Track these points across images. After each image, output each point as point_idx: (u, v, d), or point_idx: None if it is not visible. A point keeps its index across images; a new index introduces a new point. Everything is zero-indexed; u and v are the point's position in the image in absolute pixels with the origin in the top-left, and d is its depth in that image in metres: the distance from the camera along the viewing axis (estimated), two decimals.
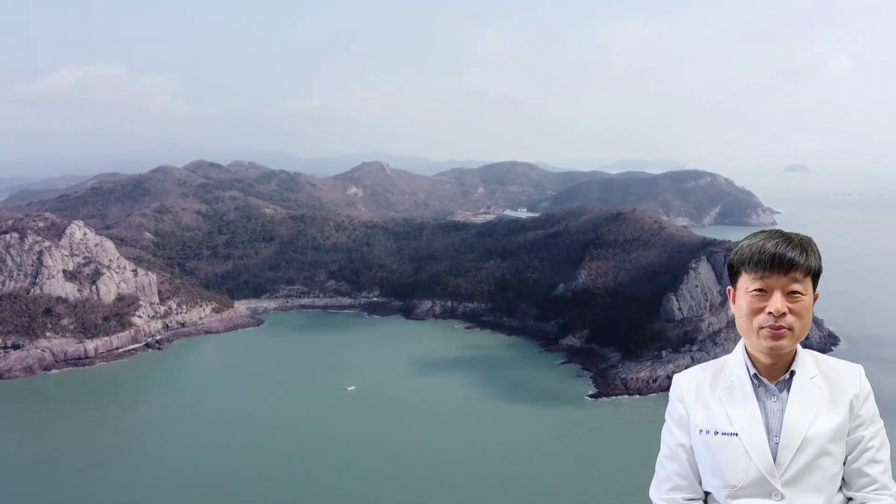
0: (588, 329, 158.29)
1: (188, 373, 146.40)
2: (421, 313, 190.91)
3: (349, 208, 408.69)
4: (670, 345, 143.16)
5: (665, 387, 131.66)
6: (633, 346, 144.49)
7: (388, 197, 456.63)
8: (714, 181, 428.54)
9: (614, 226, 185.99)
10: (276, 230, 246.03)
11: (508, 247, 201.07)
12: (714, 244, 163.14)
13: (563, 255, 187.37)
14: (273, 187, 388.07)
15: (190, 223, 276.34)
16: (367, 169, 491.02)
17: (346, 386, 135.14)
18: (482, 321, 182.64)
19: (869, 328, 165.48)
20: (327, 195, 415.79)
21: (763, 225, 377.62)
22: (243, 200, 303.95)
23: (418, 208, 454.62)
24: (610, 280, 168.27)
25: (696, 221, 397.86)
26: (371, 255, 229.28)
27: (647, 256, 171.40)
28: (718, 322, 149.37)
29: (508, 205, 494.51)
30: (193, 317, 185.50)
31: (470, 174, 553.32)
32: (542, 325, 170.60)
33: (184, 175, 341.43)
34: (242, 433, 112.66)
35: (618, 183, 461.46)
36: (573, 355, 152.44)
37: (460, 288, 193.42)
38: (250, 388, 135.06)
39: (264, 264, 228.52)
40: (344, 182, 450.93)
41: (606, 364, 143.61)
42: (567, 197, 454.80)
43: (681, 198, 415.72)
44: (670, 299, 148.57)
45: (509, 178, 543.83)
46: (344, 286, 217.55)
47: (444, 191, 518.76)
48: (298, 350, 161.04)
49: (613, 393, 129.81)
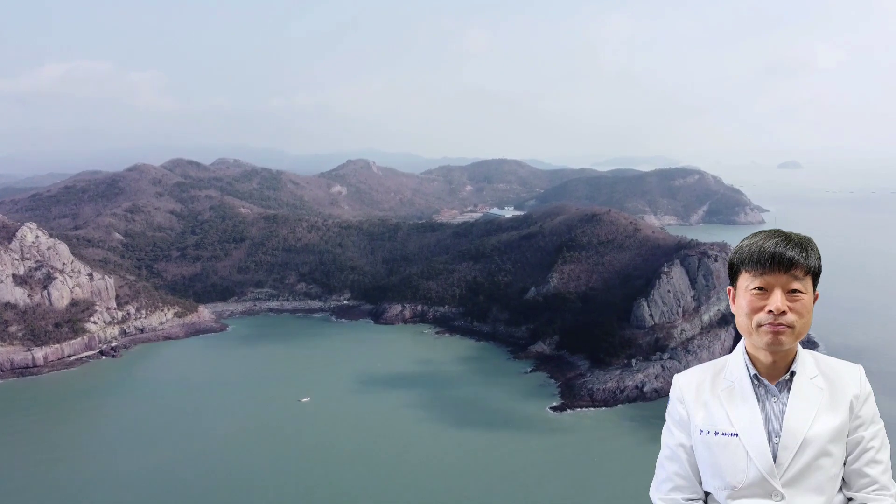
0: (558, 335, 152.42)
1: (138, 383, 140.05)
2: (390, 318, 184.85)
3: (332, 207, 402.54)
4: (641, 352, 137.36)
5: (632, 398, 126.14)
6: (602, 353, 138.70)
7: (373, 195, 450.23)
8: (702, 179, 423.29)
9: (589, 227, 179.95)
10: (247, 231, 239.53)
11: (482, 249, 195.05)
12: (688, 247, 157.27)
13: (536, 258, 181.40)
14: (254, 186, 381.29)
15: (162, 223, 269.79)
16: (352, 167, 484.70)
17: (300, 397, 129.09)
18: (452, 326, 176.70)
19: (852, 334, 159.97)
20: (310, 194, 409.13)
21: (751, 224, 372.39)
22: (219, 200, 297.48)
23: (403, 206, 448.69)
24: (582, 284, 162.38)
25: (684, 220, 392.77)
26: (343, 256, 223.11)
27: (620, 259, 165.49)
28: (692, 328, 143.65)
29: (496, 203, 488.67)
30: (154, 322, 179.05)
31: (458, 172, 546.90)
32: (512, 331, 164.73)
33: (160, 174, 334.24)
34: (183, 450, 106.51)
35: (606, 181, 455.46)
36: (542, 363, 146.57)
37: (431, 291, 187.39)
38: (200, 399, 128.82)
39: (234, 266, 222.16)
40: (328, 180, 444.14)
41: (574, 373, 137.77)
42: (554, 195, 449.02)
43: (668, 196, 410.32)
44: (641, 305, 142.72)
45: (497, 175, 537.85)
46: (314, 289, 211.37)
47: (431, 188, 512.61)
48: (258, 357, 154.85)
49: (578, 405, 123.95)
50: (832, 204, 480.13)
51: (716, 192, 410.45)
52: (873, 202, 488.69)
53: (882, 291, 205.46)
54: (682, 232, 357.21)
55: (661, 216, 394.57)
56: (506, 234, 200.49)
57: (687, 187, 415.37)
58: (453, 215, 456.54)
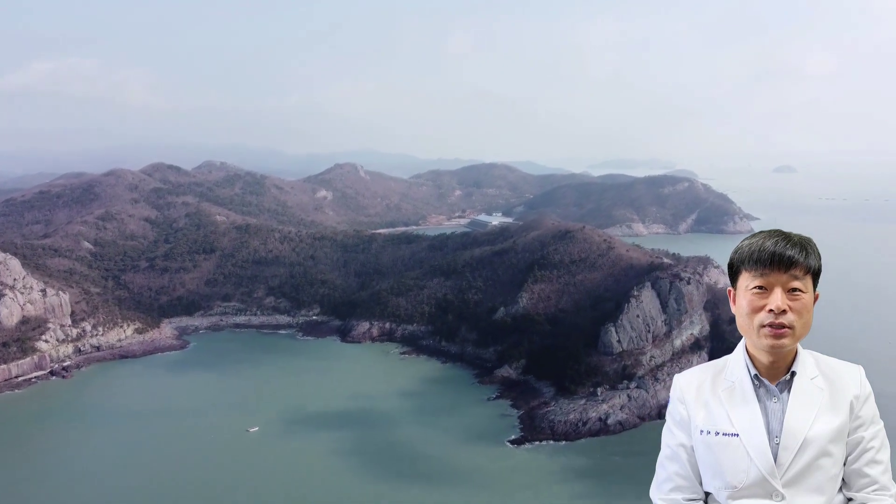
0: (525, 359, 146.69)
1: (80, 408, 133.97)
2: (357, 336, 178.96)
3: (316, 213, 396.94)
4: (607, 380, 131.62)
5: (595, 431, 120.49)
6: (567, 381, 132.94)
7: (360, 200, 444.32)
8: (692, 187, 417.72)
9: (562, 245, 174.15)
10: (218, 241, 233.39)
11: (454, 264, 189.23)
12: (660, 268, 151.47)
13: (508, 275, 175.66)
14: (236, 191, 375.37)
15: (135, 231, 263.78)
16: (338, 171, 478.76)
17: (248, 427, 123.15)
18: (420, 345, 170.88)
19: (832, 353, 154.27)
20: (294, 199, 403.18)
21: (739, 233, 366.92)
22: (195, 207, 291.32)
23: (390, 212, 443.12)
24: (552, 305, 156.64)
25: (672, 229, 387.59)
26: (315, 269, 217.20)
27: (592, 279, 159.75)
28: (662, 355, 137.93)
29: (485, 208, 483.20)
30: (111, 339, 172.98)
31: (447, 176, 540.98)
32: (480, 352, 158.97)
33: (137, 179, 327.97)
34: (111, 486, 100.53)
35: (595, 187, 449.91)
36: (507, 389, 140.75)
37: (400, 308, 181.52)
38: (140, 428, 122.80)
39: (202, 278, 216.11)
40: (313, 185, 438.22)
41: (538, 401, 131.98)
42: (542, 202, 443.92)
43: (657, 204, 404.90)
44: (609, 330, 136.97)
45: (487, 180, 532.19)
46: (283, 303, 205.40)
47: (419, 193, 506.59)
48: (213, 380, 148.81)
49: (538, 437, 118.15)
50: (824, 212, 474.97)
51: (705, 200, 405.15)
52: (865, 210, 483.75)
53: (867, 314, 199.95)
54: (670, 242, 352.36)
55: (650, 225, 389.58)
56: (479, 250, 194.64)
57: (676, 195, 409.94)
58: (440, 221, 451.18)
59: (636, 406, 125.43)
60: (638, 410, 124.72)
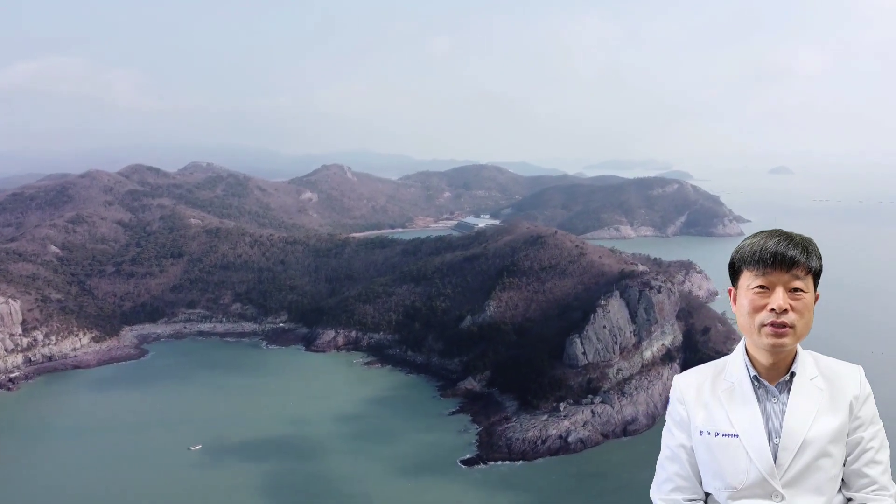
0: (490, 371, 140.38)
1: (21, 422, 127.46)
2: (322, 344, 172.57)
3: (299, 215, 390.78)
4: (571, 395, 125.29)
5: (554, 449, 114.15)
6: (530, 395, 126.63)
7: (346, 202, 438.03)
8: (681, 188, 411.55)
9: (532, 250, 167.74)
10: (186, 245, 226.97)
11: (424, 270, 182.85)
12: (631, 276, 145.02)
13: (477, 282, 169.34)
14: (217, 193, 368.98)
15: (107, 234, 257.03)
16: (325, 173, 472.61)
17: (192, 445, 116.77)
18: (386, 355, 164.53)
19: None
20: (278, 201, 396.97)
21: (728, 235, 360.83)
22: (171, 209, 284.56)
23: (376, 214, 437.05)
24: (519, 314, 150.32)
25: (661, 231, 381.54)
26: (284, 274, 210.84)
27: (562, 287, 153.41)
28: (630, 367, 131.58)
29: (473, 210, 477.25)
30: (65, 348, 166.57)
31: (436, 178, 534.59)
32: (445, 363, 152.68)
33: (113, 181, 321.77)
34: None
35: (584, 189, 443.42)
36: (469, 402, 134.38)
37: (367, 316, 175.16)
38: (82, 442, 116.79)
39: (168, 284, 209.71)
40: (298, 187, 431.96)
41: (500, 416, 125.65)
42: (530, 204, 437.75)
43: (646, 206, 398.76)
44: (574, 342, 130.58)
45: (476, 182, 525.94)
46: (250, 310, 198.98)
47: (407, 195, 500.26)
48: (166, 392, 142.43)
49: (494, 457, 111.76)
50: (817, 214, 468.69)
51: (694, 202, 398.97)
52: (859, 212, 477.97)
53: (859, 317, 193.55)
54: (657, 245, 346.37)
55: (638, 227, 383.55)
56: (450, 255, 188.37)
57: (665, 197, 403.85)
58: (427, 223, 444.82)
59: (600, 423, 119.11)
60: (601, 427, 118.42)
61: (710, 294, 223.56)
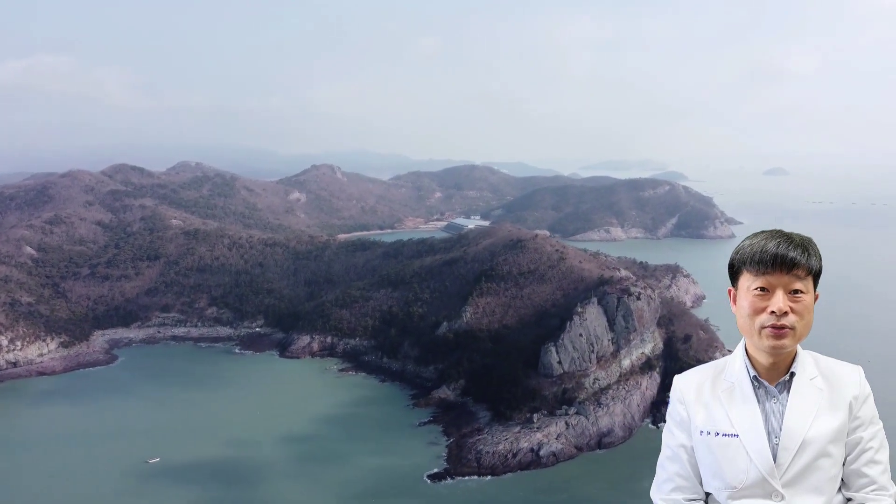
0: (464, 380, 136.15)
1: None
2: (297, 350, 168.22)
3: (287, 215, 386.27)
4: (545, 405, 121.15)
5: (525, 463, 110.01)
6: (503, 405, 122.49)
7: (334, 203, 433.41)
8: (672, 190, 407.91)
9: (512, 254, 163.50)
10: (164, 247, 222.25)
11: (402, 274, 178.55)
12: (610, 282, 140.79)
13: (455, 287, 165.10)
14: (203, 193, 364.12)
15: (85, 236, 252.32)
16: (314, 173, 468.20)
17: (150, 457, 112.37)
18: (361, 362, 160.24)
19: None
20: (265, 201, 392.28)
21: (719, 238, 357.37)
22: (152, 210, 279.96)
23: (365, 215, 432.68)
24: (496, 320, 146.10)
25: (651, 233, 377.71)
26: (262, 277, 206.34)
27: (540, 293, 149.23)
28: (607, 377, 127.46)
29: (464, 211, 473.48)
30: (31, 354, 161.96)
31: (427, 178, 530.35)
32: (420, 371, 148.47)
33: (95, 180, 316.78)
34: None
35: (574, 190, 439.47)
36: (442, 412, 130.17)
37: (343, 321, 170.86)
38: (36, 454, 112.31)
39: (143, 287, 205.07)
40: (286, 187, 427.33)
41: (472, 427, 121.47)
42: (521, 205, 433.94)
43: (637, 207, 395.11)
44: (549, 351, 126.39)
45: (468, 182, 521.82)
46: (226, 314, 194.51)
47: (398, 195, 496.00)
48: (131, 400, 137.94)
49: (462, 471, 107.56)
50: (810, 216, 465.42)
51: (686, 203, 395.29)
52: (852, 215, 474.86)
53: (853, 322, 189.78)
54: (646, 247, 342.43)
55: (628, 229, 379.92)
56: (430, 259, 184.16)
57: (656, 198, 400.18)
58: (416, 224, 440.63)
59: (574, 435, 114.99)
60: (575, 440, 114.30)
61: (697, 298, 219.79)
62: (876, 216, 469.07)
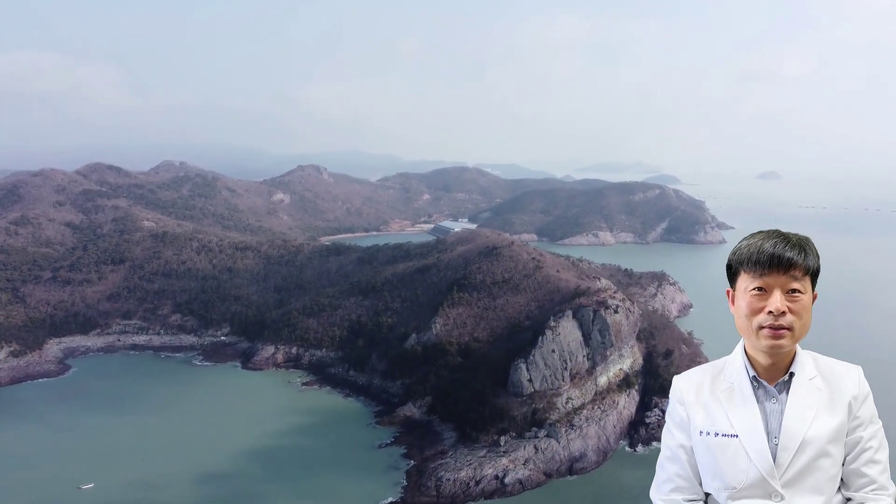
0: (431, 397, 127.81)
1: None
2: (260, 361, 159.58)
3: (269, 217, 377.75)
4: (514, 426, 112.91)
5: (489, 492, 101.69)
6: (470, 426, 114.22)
7: (319, 204, 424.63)
8: (663, 194, 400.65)
9: (486, 263, 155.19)
10: (129, 251, 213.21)
11: (373, 282, 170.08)
12: (587, 294, 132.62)
13: (427, 296, 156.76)
14: (182, 193, 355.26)
15: (53, 237, 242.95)
16: (299, 173, 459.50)
17: (83, 483, 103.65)
18: (327, 374, 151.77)
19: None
20: (247, 202, 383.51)
21: (710, 243, 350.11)
22: (125, 211, 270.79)
23: (350, 217, 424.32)
24: (466, 333, 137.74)
25: (641, 238, 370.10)
26: (230, 283, 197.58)
27: (514, 304, 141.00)
28: (581, 396, 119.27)
29: (452, 213, 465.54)
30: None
31: (416, 179, 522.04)
32: (387, 385, 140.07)
33: (68, 180, 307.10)
34: None
35: (564, 193, 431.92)
36: (406, 432, 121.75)
37: (310, 331, 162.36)
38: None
39: (105, 292, 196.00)
40: (270, 188, 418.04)
41: (435, 449, 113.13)
42: (509, 207, 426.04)
43: (627, 211, 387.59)
44: (519, 368, 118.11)
45: (457, 184, 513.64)
46: (190, 321, 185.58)
47: (385, 197, 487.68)
48: (73, 416, 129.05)
49: (420, 501, 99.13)
50: (802, 221, 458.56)
51: (676, 208, 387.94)
52: (845, 220, 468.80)
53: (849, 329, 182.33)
54: (635, 252, 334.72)
55: (618, 233, 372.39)
56: (402, 265, 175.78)
57: (646, 202, 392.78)
58: (403, 227, 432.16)
59: (543, 460, 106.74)
60: (545, 465, 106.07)
61: (684, 307, 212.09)
62: (870, 221, 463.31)
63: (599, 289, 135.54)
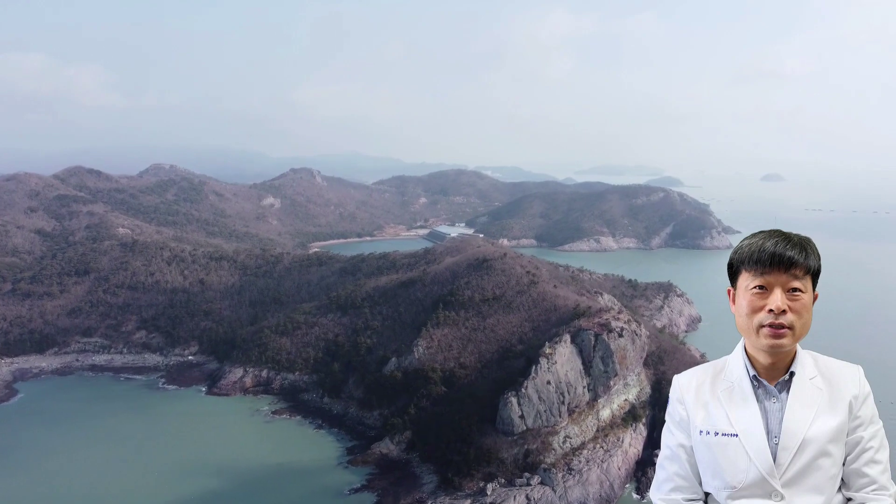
0: (411, 431, 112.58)
1: None
2: (227, 386, 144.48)
3: (258, 222, 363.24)
4: (503, 471, 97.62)
5: None
6: (452, 470, 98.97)
7: (311, 209, 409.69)
8: (667, 197, 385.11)
9: (475, 277, 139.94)
10: (96, 261, 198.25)
11: (353, 297, 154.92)
12: (587, 314, 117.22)
13: (410, 313, 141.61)
14: (167, 198, 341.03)
15: (20, 246, 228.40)
16: (292, 177, 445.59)
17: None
18: (299, 401, 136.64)
19: None
20: (235, 207, 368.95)
21: (717, 248, 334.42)
22: (100, 217, 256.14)
23: (343, 222, 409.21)
24: (452, 357, 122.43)
25: (644, 243, 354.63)
26: (201, 296, 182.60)
27: (506, 324, 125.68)
28: (581, 433, 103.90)
29: (449, 218, 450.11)
30: None
31: (413, 183, 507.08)
32: (363, 416, 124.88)
33: (42, 184, 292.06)
34: None
35: (565, 197, 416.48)
36: (380, 474, 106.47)
37: (282, 352, 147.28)
38: None
39: (66, 307, 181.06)
40: (260, 192, 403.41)
41: (412, 497, 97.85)
42: (508, 212, 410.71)
43: (630, 215, 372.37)
44: (509, 402, 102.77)
45: (455, 188, 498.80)
46: (156, 339, 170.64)
47: (380, 201, 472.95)
48: (6, 455, 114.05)
49: None
50: (809, 226, 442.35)
51: (681, 212, 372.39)
52: (854, 223, 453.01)
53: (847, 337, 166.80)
54: (639, 259, 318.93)
55: (620, 239, 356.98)
56: (385, 278, 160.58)
57: (650, 206, 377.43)
58: (397, 232, 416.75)
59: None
60: None
61: (693, 321, 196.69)
62: (882, 225, 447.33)
63: (602, 308, 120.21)
